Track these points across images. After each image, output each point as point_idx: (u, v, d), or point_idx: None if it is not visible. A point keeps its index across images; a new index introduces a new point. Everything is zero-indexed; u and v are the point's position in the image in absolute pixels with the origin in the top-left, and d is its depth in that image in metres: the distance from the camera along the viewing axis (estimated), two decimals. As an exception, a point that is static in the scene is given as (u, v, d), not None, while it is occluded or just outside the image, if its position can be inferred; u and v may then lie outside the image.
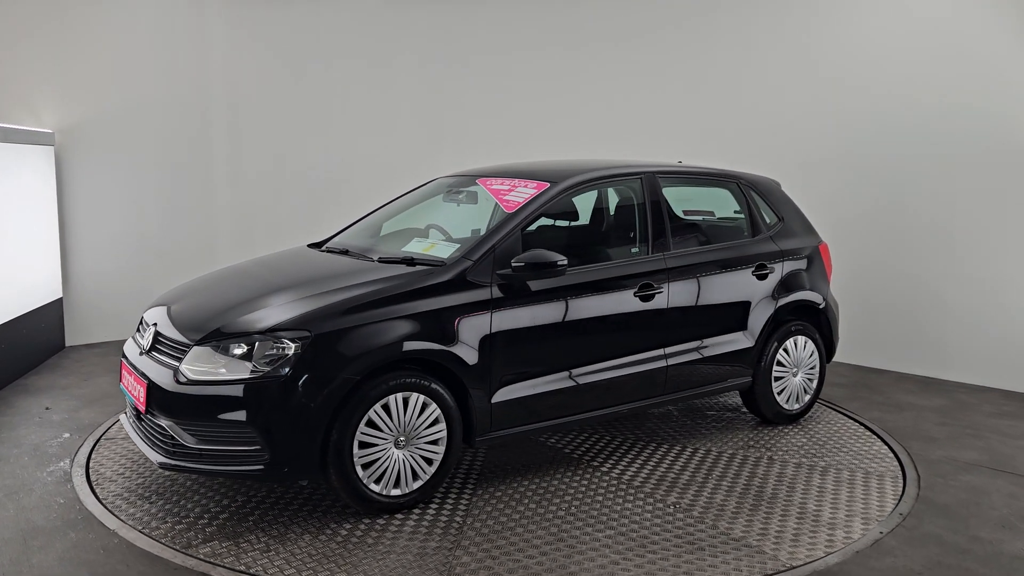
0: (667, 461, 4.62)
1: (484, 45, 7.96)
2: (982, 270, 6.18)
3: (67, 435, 4.90)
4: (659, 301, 4.55)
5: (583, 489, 4.21)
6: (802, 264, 5.22)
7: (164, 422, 3.68)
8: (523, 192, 4.46)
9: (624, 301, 4.44)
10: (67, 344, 7.06)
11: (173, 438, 3.67)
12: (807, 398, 5.30)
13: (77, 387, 5.87)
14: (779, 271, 5.09)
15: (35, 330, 6.38)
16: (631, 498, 4.10)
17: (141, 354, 4.02)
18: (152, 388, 3.72)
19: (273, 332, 3.60)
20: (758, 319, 4.97)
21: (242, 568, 3.36)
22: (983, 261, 6.17)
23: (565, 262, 4.05)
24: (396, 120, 8.00)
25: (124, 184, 7.24)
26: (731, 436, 5.03)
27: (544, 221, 4.64)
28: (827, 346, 5.41)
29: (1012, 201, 6.00)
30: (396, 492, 3.82)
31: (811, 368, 5.28)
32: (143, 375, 3.83)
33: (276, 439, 3.52)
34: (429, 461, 3.89)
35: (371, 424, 3.69)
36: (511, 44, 7.91)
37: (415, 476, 3.85)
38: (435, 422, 3.87)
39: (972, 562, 3.51)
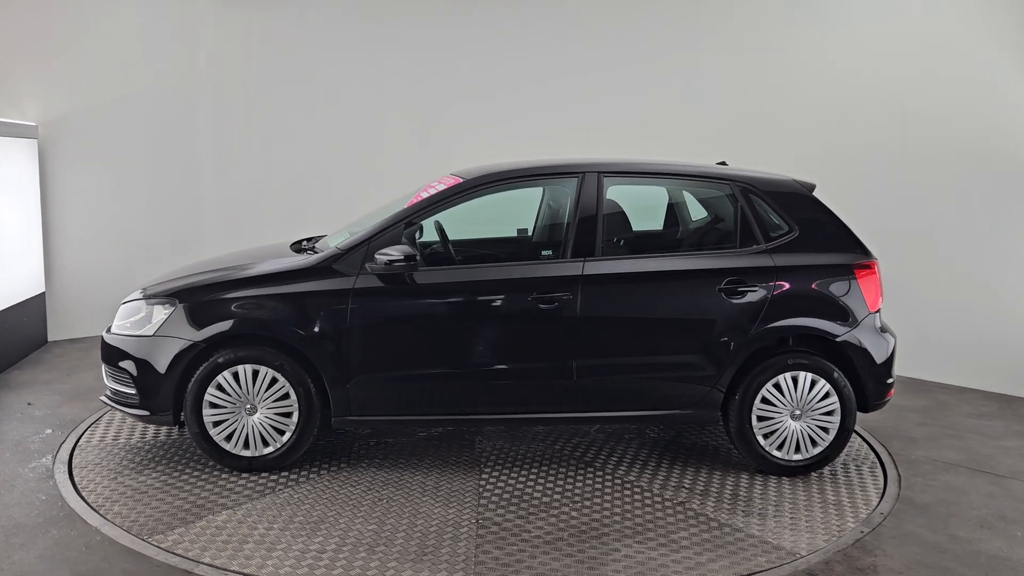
0: (577, 481, 4.30)
1: (476, 40, 7.92)
2: (963, 272, 6.24)
3: (49, 431, 4.86)
4: (567, 309, 4.20)
5: (430, 488, 4.17)
6: (813, 284, 4.35)
7: (103, 367, 4.46)
8: (438, 188, 4.46)
9: (512, 305, 4.24)
10: (49, 339, 7.01)
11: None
12: (815, 451, 4.35)
13: (60, 382, 5.83)
14: (767, 290, 4.29)
15: (17, 325, 6.32)
16: (453, 505, 3.98)
17: None
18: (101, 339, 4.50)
19: (156, 299, 4.31)
20: (725, 344, 4.26)
21: (82, 486, 4.12)
22: (964, 263, 6.23)
23: (413, 258, 4.11)
24: (383, 116, 7.97)
25: (108, 178, 7.19)
26: (689, 470, 4.46)
27: (460, 218, 4.74)
28: (859, 392, 4.39)
29: (993, 204, 6.07)
30: (246, 453, 4.26)
31: (825, 414, 4.33)
32: None
33: (141, 388, 4.23)
34: (280, 431, 4.24)
35: (220, 388, 4.17)
36: (505, 40, 7.89)
37: (265, 443, 4.25)
38: (284, 396, 4.20)
39: (951, 561, 3.55)
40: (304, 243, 4.96)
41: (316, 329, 4.16)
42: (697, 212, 4.98)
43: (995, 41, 5.99)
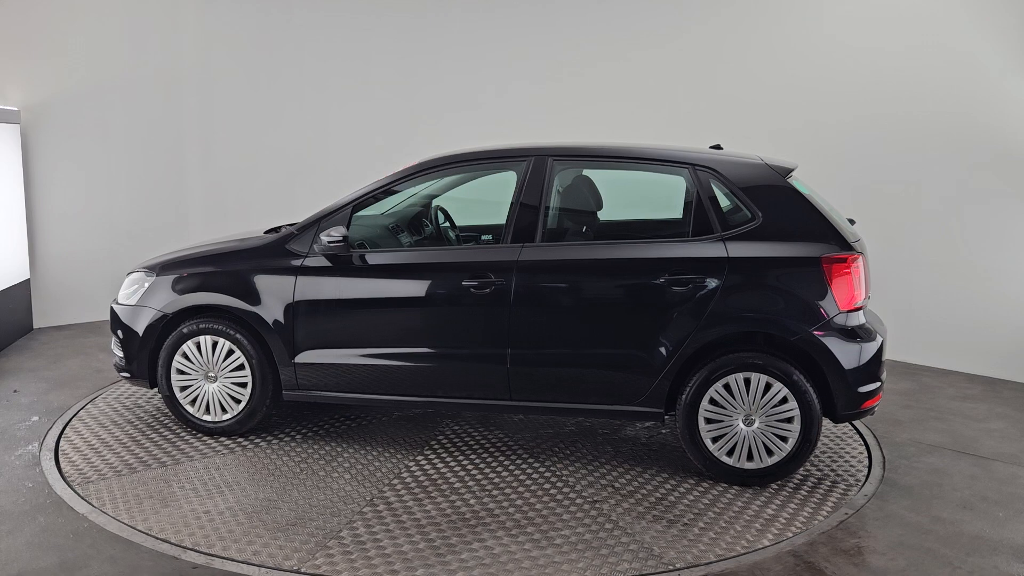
0: (504, 471, 4.21)
1: (465, 27, 7.87)
2: (948, 255, 6.27)
3: (36, 418, 4.85)
4: (501, 295, 4.12)
5: (357, 465, 4.24)
6: (771, 277, 4.02)
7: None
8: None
9: (447, 289, 4.24)
10: (35, 326, 6.96)
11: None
12: (771, 460, 4.00)
13: (46, 369, 5.80)
14: (716, 283, 3.98)
15: (2, 312, 6.27)
16: (363, 483, 4.02)
17: None
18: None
19: (146, 271, 4.66)
20: (666, 339, 4.02)
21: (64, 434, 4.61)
22: (949, 246, 6.26)
23: (338, 239, 4.20)
24: (371, 103, 7.93)
25: (93, 164, 7.13)
26: (619, 469, 4.23)
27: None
28: (826, 398, 4.00)
29: (979, 185, 6.09)
30: (208, 418, 4.55)
31: (784, 420, 3.97)
32: None
33: (127, 353, 4.62)
34: (237, 400, 4.49)
35: (186, 356, 4.49)
36: (494, 29, 7.84)
37: (224, 410, 4.51)
38: (241, 367, 4.45)
39: (934, 542, 3.60)
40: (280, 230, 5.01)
41: (266, 305, 4.37)
42: (654, 199, 4.89)
43: (983, 17, 5.99)
